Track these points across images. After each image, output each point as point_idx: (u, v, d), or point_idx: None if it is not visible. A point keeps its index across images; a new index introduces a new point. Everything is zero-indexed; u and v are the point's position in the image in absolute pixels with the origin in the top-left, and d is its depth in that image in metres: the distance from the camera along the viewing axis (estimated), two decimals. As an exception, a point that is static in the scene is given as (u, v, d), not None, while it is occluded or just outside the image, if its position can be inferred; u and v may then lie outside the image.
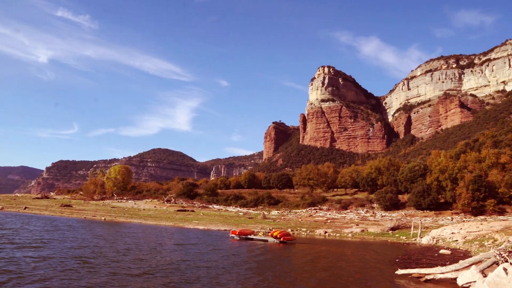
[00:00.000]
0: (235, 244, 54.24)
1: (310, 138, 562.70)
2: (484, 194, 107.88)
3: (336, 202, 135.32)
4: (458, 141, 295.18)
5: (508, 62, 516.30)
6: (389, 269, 33.11)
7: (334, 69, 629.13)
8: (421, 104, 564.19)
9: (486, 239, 56.03)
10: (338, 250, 52.83)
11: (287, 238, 59.53)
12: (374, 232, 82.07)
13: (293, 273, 31.80)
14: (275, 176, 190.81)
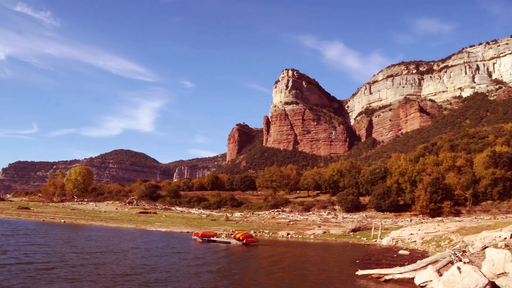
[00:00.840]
0: (197, 247, 54.06)
1: (274, 141, 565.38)
2: (441, 196, 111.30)
3: (299, 204, 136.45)
4: (417, 144, 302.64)
5: (464, 70, 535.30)
6: (350, 270, 33.69)
7: (298, 72, 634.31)
8: (382, 108, 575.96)
9: (442, 239, 57.77)
10: (301, 251, 53.36)
11: (250, 240, 59.72)
12: (336, 233, 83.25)
13: (256, 275, 31.97)
14: (238, 178, 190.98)
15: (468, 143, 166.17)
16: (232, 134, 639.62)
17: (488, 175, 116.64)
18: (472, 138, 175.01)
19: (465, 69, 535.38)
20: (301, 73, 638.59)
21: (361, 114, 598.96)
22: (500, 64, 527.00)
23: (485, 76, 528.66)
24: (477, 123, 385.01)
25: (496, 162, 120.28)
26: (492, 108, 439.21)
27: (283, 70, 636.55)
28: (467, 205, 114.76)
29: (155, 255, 40.65)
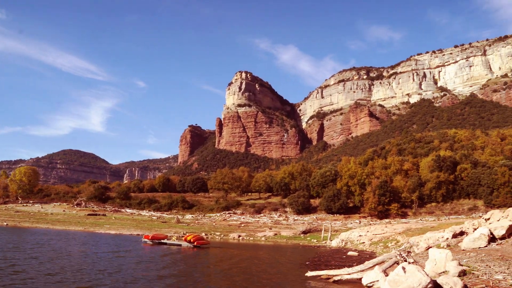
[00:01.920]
0: (148, 249, 53.24)
1: (226, 142, 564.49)
2: (389, 198, 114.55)
3: (250, 206, 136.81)
4: (366, 148, 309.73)
5: (412, 77, 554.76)
6: (300, 271, 34.04)
7: (252, 75, 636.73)
8: (333, 112, 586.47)
9: (390, 240, 59.42)
10: (252, 253, 53.51)
11: (201, 242, 59.36)
12: (287, 235, 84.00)
13: (207, 278, 31.80)
14: (190, 179, 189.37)
15: (414, 147, 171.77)
16: (184, 136, 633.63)
17: (433, 179, 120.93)
18: (419, 143, 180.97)
19: (412, 76, 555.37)
20: (255, 76, 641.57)
21: (313, 117, 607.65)
22: (445, 73, 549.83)
23: (431, 83, 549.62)
24: (424, 128, 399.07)
25: (440, 166, 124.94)
26: (438, 114, 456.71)
27: (237, 72, 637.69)
28: (413, 207, 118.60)
29: (103, 258, 39.72)
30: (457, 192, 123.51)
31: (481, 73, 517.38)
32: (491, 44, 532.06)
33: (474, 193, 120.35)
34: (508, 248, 25.61)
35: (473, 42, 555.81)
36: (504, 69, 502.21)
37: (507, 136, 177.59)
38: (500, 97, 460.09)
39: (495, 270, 18.39)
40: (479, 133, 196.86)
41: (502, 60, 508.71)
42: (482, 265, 20.20)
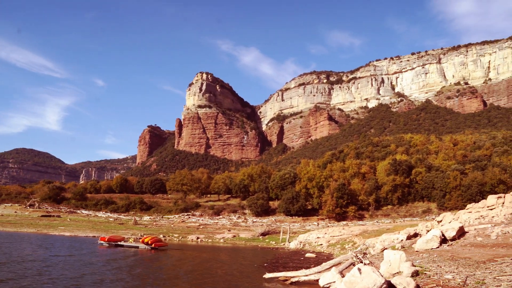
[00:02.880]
0: (104, 252, 52.17)
1: (186, 144, 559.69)
2: (346, 201, 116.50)
3: (209, 208, 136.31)
4: (325, 151, 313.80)
5: (370, 82, 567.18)
6: (258, 273, 34.14)
7: (213, 76, 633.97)
8: (293, 115, 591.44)
9: (347, 242, 60.38)
10: (210, 255, 53.27)
11: (159, 244, 58.70)
12: (246, 237, 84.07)
13: (164, 280, 31.46)
14: (148, 181, 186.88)
15: (372, 151, 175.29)
16: (143, 136, 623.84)
17: (389, 182, 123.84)
18: (376, 147, 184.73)
19: (371, 81, 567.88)
20: (216, 77, 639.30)
21: (273, 120, 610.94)
22: (402, 79, 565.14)
23: (389, 89, 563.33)
24: (381, 133, 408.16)
25: (396, 169, 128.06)
26: (395, 119, 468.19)
27: (198, 73, 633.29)
28: (370, 210, 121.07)
29: (56, 262, 38.68)
30: (412, 195, 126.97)
31: (436, 80, 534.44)
32: (446, 52, 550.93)
33: (428, 196, 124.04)
34: (458, 249, 26.51)
35: (429, 50, 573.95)
36: (457, 77, 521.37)
37: (459, 141, 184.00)
38: (453, 104, 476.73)
39: (445, 270, 19.02)
40: (433, 138, 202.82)
41: (455, 69, 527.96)
42: (434, 265, 20.85)
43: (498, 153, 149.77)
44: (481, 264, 19.40)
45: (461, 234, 31.87)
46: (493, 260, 19.73)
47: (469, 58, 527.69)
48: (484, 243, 27.36)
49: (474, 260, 20.82)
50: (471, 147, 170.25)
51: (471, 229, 34.31)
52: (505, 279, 15.59)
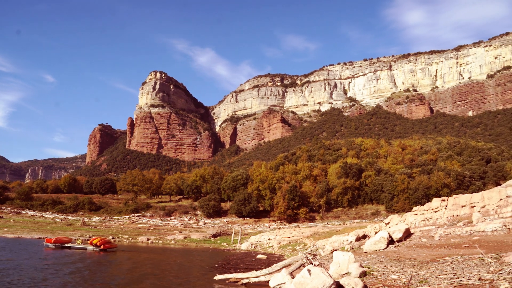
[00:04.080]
0: (49, 254, 50.46)
1: (137, 143, 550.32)
2: (298, 203, 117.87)
3: (160, 209, 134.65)
4: (278, 153, 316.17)
5: (323, 86, 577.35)
6: (209, 275, 33.97)
7: (167, 75, 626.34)
8: (247, 116, 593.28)
9: (298, 244, 61.06)
10: (160, 257, 52.57)
11: (108, 246, 57.32)
12: (197, 239, 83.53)
13: (113, 284, 30.80)
14: (98, 180, 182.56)
15: (324, 154, 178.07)
16: (93, 135, 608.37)
17: (340, 184, 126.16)
18: (328, 150, 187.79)
19: (324, 85, 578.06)
20: (170, 77, 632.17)
21: (227, 121, 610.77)
22: (354, 84, 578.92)
23: (341, 93, 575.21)
24: (333, 136, 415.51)
25: (347, 172, 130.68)
26: (346, 123, 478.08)
27: (151, 72, 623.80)
28: (321, 212, 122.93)
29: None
30: (361, 198, 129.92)
31: (386, 87, 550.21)
32: (396, 60, 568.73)
33: (377, 199, 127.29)
34: (404, 250, 27.34)
35: (380, 57, 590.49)
36: (407, 84, 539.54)
37: (407, 146, 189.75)
38: (403, 109, 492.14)
39: (392, 270, 19.59)
40: (383, 142, 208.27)
41: (405, 76, 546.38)
42: (381, 266, 21.42)
43: (443, 158, 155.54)
44: (424, 264, 20.11)
45: (407, 235, 32.88)
46: (436, 260, 20.49)
47: (418, 66, 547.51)
48: (428, 244, 28.34)
49: (419, 260, 21.55)
50: (418, 152, 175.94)
51: (417, 231, 35.46)
52: (446, 277, 16.26)
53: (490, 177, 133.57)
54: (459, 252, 22.25)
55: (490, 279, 15.02)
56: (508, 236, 26.31)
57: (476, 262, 18.36)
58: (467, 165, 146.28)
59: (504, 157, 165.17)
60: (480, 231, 29.60)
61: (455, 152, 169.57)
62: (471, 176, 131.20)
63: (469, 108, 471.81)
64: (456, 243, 26.61)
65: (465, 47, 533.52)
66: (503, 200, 36.10)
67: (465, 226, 32.40)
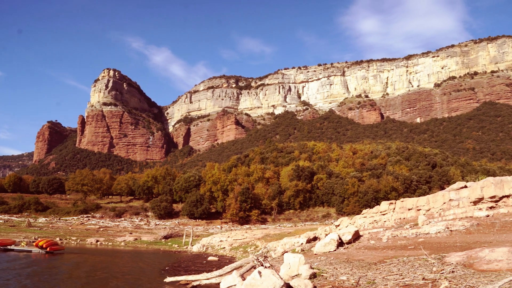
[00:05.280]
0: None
1: (88, 142, 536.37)
2: (250, 205, 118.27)
3: (111, 210, 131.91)
4: (231, 155, 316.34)
5: (278, 89, 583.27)
6: (159, 277, 33.59)
7: (120, 73, 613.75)
8: (201, 117, 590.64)
9: (249, 245, 61.28)
10: (109, 259, 51.51)
11: (55, 248, 55.50)
12: (148, 240, 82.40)
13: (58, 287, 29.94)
14: (46, 180, 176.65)
15: (276, 156, 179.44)
16: (42, 132, 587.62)
17: (292, 187, 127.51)
18: (281, 153, 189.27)
19: (279, 89, 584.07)
20: (123, 75, 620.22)
21: (180, 122, 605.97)
22: (308, 88, 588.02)
23: (295, 97, 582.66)
24: (286, 139, 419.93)
25: (299, 175, 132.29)
26: (299, 127, 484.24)
27: (104, 69, 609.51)
28: (273, 214, 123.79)
29: None
30: (313, 200, 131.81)
31: (339, 92, 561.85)
32: (350, 66, 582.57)
33: (328, 202, 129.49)
34: (353, 252, 27.99)
35: (334, 63, 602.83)
36: (359, 90, 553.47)
37: (358, 150, 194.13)
38: (354, 115, 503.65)
39: (341, 272, 20.02)
40: (334, 146, 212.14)
41: (357, 82, 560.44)
42: (331, 267, 21.85)
43: (392, 163, 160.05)
44: (372, 265, 20.67)
45: (356, 237, 33.67)
46: (383, 262, 21.10)
47: (370, 73, 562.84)
48: (376, 246, 29.12)
49: (367, 262, 22.12)
50: (368, 156, 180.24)
51: (366, 233, 36.35)
52: (392, 278, 16.80)
53: (436, 181, 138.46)
54: (405, 254, 22.99)
55: (432, 278, 15.65)
56: (450, 237, 27.40)
57: (421, 263, 19.05)
58: (415, 169, 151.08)
59: (448, 162, 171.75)
60: (425, 233, 30.68)
61: (403, 157, 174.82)
62: (418, 180, 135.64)
63: (418, 115, 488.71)
64: (403, 245, 27.48)
65: (414, 56, 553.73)
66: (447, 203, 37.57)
67: (411, 229, 33.49)
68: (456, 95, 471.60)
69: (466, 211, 34.75)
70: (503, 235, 25.54)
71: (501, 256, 16.70)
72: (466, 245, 23.34)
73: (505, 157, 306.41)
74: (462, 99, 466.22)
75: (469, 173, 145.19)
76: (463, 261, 17.64)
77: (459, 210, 35.68)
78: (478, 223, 30.46)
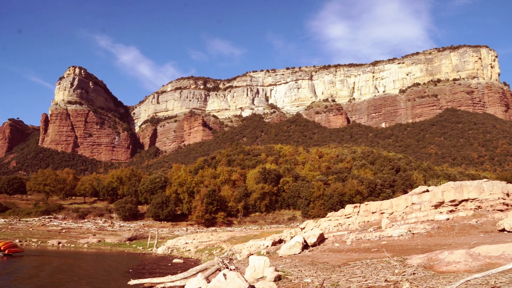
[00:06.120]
0: None
1: (51, 141, 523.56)
2: (216, 207, 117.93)
3: (74, 211, 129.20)
4: (198, 157, 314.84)
5: (246, 92, 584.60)
6: (122, 280, 33.12)
7: (86, 72, 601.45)
8: (168, 118, 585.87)
9: (215, 248, 61.14)
10: (72, 262, 50.49)
11: (13, 250, 53.80)
12: (112, 242, 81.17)
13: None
14: (6, 179, 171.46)
15: (243, 159, 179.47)
16: (2, 130, 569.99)
17: (258, 189, 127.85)
18: (247, 155, 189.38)
19: (247, 91, 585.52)
20: (89, 73, 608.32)
21: (147, 122, 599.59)
22: (276, 91, 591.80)
23: (263, 100, 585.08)
24: (253, 142, 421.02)
25: (265, 178, 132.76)
26: (266, 129, 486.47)
27: (70, 66, 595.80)
28: (239, 216, 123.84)
29: None
30: (279, 203, 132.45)
31: (307, 96, 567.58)
32: (317, 70, 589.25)
33: (294, 204, 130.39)
34: (317, 254, 28.30)
35: (302, 67, 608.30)
36: (326, 94, 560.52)
37: (324, 154, 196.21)
38: (321, 118, 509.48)
39: (305, 274, 20.22)
40: (301, 149, 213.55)
41: (324, 86, 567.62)
42: (295, 270, 22.03)
43: (357, 166, 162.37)
44: (336, 268, 20.96)
45: (321, 240, 34.05)
46: (347, 264, 21.43)
47: (337, 78, 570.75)
48: (340, 249, 29.53)
49: (331, 264, 22.41)
50: (334, 160, 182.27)
51: (330, 236, 36.81)
52: (355, 280, 17.10)
53: (399, 185, 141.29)
54: (368, 256, 23.40)
55: (394, 280, 16.00)
56: (412, 240, 28.06)
57: (383, 265, 19.44)
58: (379, 173, 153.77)
59: (411, 167, 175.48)
60: (388, 236, 31.31)
61: (368, 161, 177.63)
62: (382, 184, 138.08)
63: (383, 120, 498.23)
64: (366, 248, 27.96)
65: (381, 62, 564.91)
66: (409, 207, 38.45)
67: (374, 232, 34.11)
68: (420, 101, 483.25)
69: (428, 215, 35.64)
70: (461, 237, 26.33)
71: (459, 258, 17.23)
72: (427, 247, 23.95)
73: (465, 162, 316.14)
74: (426, 105, 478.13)
75: (431, 177, 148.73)
76: (424, 263, 18.10)
77: (421, 213, 36.57)
78: (439, 226, 31.28)
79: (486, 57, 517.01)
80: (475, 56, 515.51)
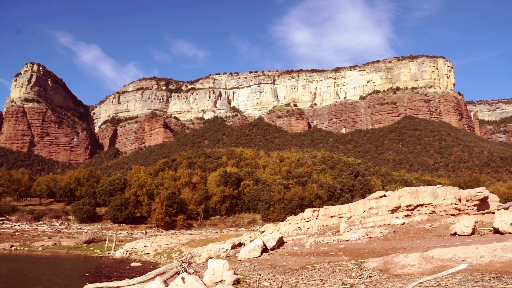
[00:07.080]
0: None
1: (6, 140, 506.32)
2: (176, 210, 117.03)
3: (28, 213, 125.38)
4: (158, 159, 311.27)
5: (208, 94, 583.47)
6: (78, 284, 32.39)
7: (45, 69, 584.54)
8: (129, 119, 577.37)
9: (174, 251, 60.65)
10: (25, 266, 49.02)
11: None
12: (68, 245, 79.31)
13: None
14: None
15: (204, 161, 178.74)
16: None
17: (218, 193, 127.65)
18: (208, 158, 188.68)
19: (209, 93, 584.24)
20: (48, 70, 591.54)
21: (107, 122, 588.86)
22: (239, 95, 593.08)
23: (225, 102, 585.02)
24: (214, 144, 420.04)
25: (226, 181, 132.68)
26: (228, 133, 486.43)
27: (28, 63, 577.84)
28: (199, 219, 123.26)
29: None
30: (239, 206, 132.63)
31: (269, 100, 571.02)
32: (280, 75, 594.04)
33: (254, 208, 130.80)
34: (276, 258, 28.50)
35: (265, 71, 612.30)
36: (288, 98, 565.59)
37: (285, 158, 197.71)
38: (283, 123, 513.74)
39: (264, 278, 20.34)
40: (262, 153, 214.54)
41: (287, 91, 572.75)
42: (254, 273, 22.13)
43: (317, 171, 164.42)
44: (295, 271, 21.18)
45: (280, 244, 34.31)
46: (306, 267, 21.69)
47: (299, 83, 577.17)
48: (299, 252, 29.85)
49: (290, 267, 22.63)
50: (295, 164, 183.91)
51: (290, 239, 37.13)
52: (313, 283, 17.34)
53: (358, 190, 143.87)
54: (326, 260, 23.76)
55: (351, 283, 16.32)
56: (369, 244, 28.65)
57: (341, 268, 19.79)
58: (339, 178, 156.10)
59: (370, 172, 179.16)
60: (346, 239, 31.87)
61: (328, 166, 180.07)
62: (341, 189, 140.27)
63: (343, 126, 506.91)
64: (325, 251, 28.37)
65: (342, 69, 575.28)
66: (367, 211, 39.25)
67: (333, 235, 34.64)
68: (380, 108, 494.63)
69: (385, 219, 36.49)
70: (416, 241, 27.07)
71: (414, 261, 17.75)
72: (383, 251, 24.52)
73: (421, 168, 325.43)
74: (385, 112, 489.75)
75: (389, 182, 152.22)
76: (380, 266, 18.53)
77: (378, 218, 37.39)
78: (395, 230, 32.07)
79: (442, 68, 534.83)
80: (432, 66, 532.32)
